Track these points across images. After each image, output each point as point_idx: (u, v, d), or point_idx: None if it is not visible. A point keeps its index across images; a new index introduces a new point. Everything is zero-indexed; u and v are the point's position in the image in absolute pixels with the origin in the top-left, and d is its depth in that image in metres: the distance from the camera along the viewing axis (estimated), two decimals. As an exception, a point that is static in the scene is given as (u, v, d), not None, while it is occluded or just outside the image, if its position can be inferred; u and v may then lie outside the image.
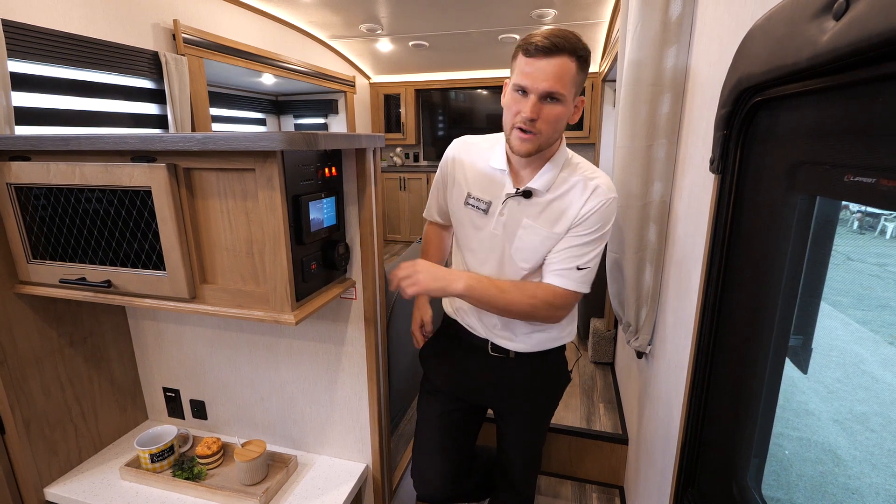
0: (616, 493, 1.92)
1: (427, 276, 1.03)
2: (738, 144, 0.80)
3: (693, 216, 1.08)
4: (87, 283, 1.02)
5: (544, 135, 0.98)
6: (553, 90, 0.93)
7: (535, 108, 0.94)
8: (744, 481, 0.80)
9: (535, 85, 0.93)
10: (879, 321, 4.29)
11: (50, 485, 1.19)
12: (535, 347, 1.18)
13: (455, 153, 1.18)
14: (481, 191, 1.11)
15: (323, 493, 1.18)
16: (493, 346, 1.19)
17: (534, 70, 0.92)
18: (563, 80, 0.93)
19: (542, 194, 1.06)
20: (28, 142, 0.97)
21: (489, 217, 1.10)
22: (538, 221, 1.06)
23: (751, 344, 0.79)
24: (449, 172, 1.19)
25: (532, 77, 0.93)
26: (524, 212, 1.07)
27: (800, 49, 0.56)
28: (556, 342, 1.21)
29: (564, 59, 0.92)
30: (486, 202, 1.10)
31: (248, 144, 0.81)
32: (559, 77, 0.92)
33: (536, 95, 0.94)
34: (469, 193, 1.13)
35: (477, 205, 1.11)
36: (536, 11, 3.40)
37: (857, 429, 2.72)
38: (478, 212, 1.11)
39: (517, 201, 1.07)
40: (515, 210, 1.08)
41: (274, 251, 0.90)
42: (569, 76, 0.93)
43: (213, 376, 1.35)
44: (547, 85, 0.92)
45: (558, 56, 0.91)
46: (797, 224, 0.69)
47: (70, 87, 2.31)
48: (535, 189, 1.05)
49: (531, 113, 0.94)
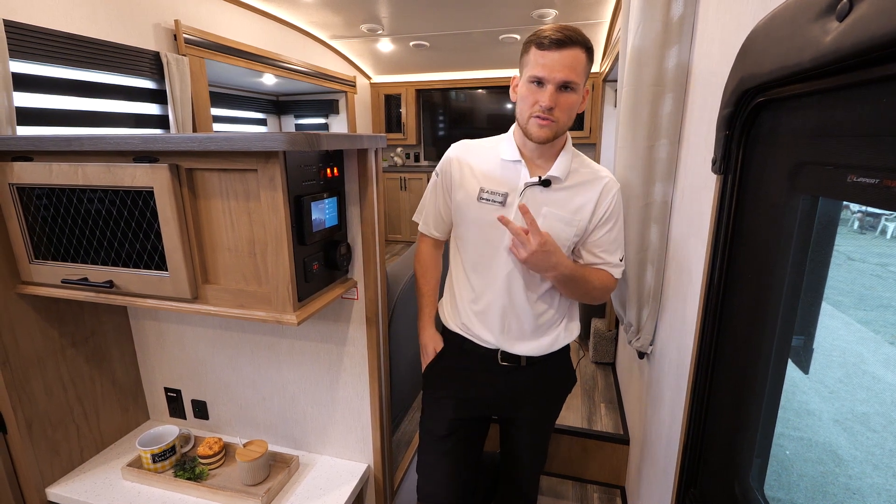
0: (617, 493, 1.92)
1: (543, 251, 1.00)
2: (740, 145, 0.80)
3: (695, 216, 1.08)
4: (89, 283, 1.02)
5: (561, 122, 1.03)
6: (569, 79, 0.98)
7: (553, 97, 0.99)
8: (746, 482, 0.80)
9: (553, 75, 0.98)
10: (881, 321, 4.28)
11: (52, 485, 1.19)
12: (545, 350, 1.18)
13: (457, 155, 1.18)
14: (495, 184, 1.12)
15: (324, 494, 1.18)
16: (503, 355, 1.18)
17: (549, 61, 0.98)
18: (576, 70, 0.99)
19: (560, 182, 1.10)
20: (30, 142, 0.97)
21: (507, 208, 1.11)
22: (560, 208, 1.10)
23: (753, 344, 0.78)
24: (452, 174, 1.18)
25: (549, 68, 0.98)
26: (545, 200, 1.10)
27: (802, 50, 0.56)
28: (564, 341, 1.21)
29: (577, 51, 0.98)
30: (501, 194, 1.11)
31: (251, 145, 0.81)
32: (573, 67, 0.98)
33: (554, 85, 0.99)
34: (482, 188, 1.13)
35: (492, 198, 1.12)
36: (537, 12, 3.40)
37: (858, 429, 2.72)
38: (493, 205, 1.12)
39: (538, 190, 1.10)
40: (535, 199, 1.10)
41: (276, 251, 0.90)
42: (581, 66, 0.99)
43: (215, 376, 1.36)
44: (563, 75, 0.98)
45: (571, 48, 0.97)
46: (800, 224, 0.69)
47: (71, 87, 2.31)
48: (556, 177, 1.09)
49: (550, 101, 0.99)
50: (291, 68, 3.69)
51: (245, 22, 3.23)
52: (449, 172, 1.18)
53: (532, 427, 1.29)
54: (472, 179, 1.14)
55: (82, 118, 2.40)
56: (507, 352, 1.17)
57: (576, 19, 3.53)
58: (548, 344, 1.18)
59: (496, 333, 1.16)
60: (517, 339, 1.16)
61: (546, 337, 1.17)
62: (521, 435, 1.29)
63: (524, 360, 1.18)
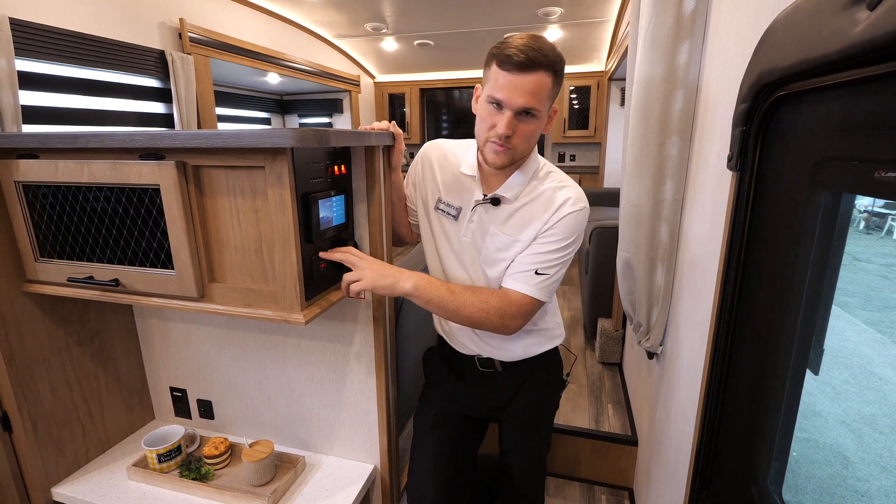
0: (625, 494, 1.90)
1: (374, 273, 0.96)
2: (757, 140, 0.78)
3: (708, 214, 1.06)
4: (95, 281, 1.01)
5: (519, 149, 0.97)
6: (529, 106, 0.90)
7: (511, 125, 0.92)
8: (764, 485, 0.78)
9: (512, 101, 0.90)
10: (887, 322, 4.25)
11: (57, 484, 1.18)
12: (523, 355, 1.18)
13: (427, 156, 1.17)
14: (452, 196, 1.10)
15: (331, 495, 1.17)
16: (480, 360, 1.20)
17: (509, 85, 0.89)
18: (538, 96, 0.90)
19: (510, 202, 1.04)
20: (36, 139, 0.96)
21: (459, 223, 1.09)
22: (504, 228, 1.05)
23: (772, 344, 0.77)
24: (419, 175, 1.18)
25: (507, 92, 0.90)
26: (492, 219, 1.06)
27: (828, 42, 0.54)
28: (543, 346, 1.20)
29: (541, 75, 0.89)
30: (456, 208, 1.10)
31: (259, 141, 0.80)
32: (535, 94, 0.90)
33: (512, 111, 0.91)
34: (440, 198, 1.12)
35: (447, 210, 1.11)
36: (542, 10, 3.39)
37: (865, 430, 2.70)
38: (448, 217, 1.11)
39: (485, 208, 1.06)
40: (484, 217, 1.07)
41: (283, 250, 0.89)
42: (544, 91, 0.91)
43: (220, 376, 1.35)
44: (523, 101, 0.90)
45: (535, 72, 0.88)
46: (821, 221, 0.67)
47: (76, 85, 2.31)
48: (503, 196, 1.04)
49: (507, 129, 0.92)
50: (295, 67, 3.69)
51: (249, 21, 3.23)
52: (416, 172, 1.19)
53: (521, 428, 1.28)
54: (432, 186, 1.14)
55: (87, 117, 2.40)
56: (484, 357, 1.19)
57: (581, 18, 3.51)
58: (520, 352, 1.18)
59: (469, 340, 1.18)
60: (489, 345, 1.17)
61: (515, 344, 1.17)
62: (511, 436, 1.30)
63: (499, 364, 1.19)
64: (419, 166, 1.18)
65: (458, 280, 1.12)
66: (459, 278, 1.12)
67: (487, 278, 1.10)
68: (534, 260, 1.01)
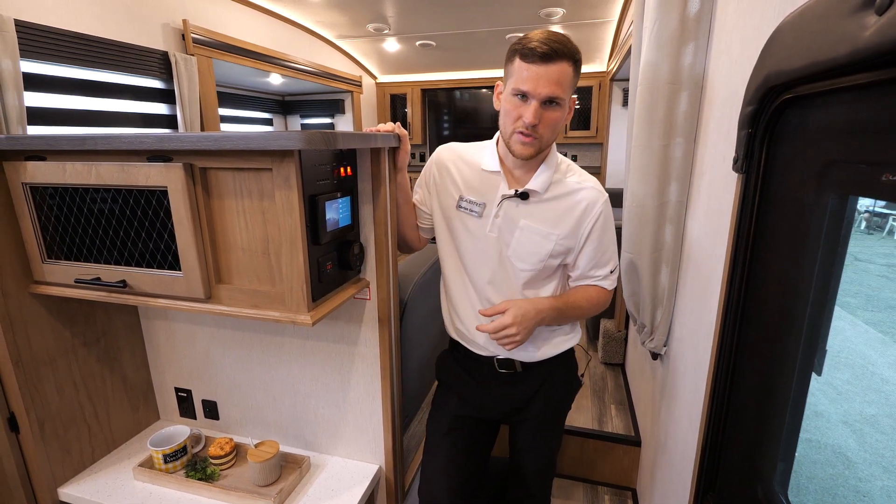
0: (629, 495, 1.90)
1: (523, 328, 1.02)
2: (763, 143, 0.78)
3: (713, 216, 1.06)
4: (102, 283, 1.01)
5: (545, 138, 1.00)
6: (554, 95, 0.95)
7: (537, 113, 0.96)
8: (770, 486, 0.78)
9: (537, 90, 0.94)
10: (888, 322, 4.26)
11: (63, 485, 1.19)
12: (543, 355, 1.18)
13: (441, 159, 1.18)
14: (474, 194, 1.11)
15: (336, 495, 1.17)
16: (499, 362, 1.19)
17: (534, 75, 0.94)
18: (562, 84, 0.95)
19: (539, 195, 1.07)
20: (44, 141, 0.97)
21: (484, 220, 1.10)
22: (537, 222, 1.07)
23: (777, 345, 0.77)
24: (435, 178, 1.18)
25: (533, 82, 0.94)
26: (521, 213, 1.07)
27: (836, 45, 0.55)
28: (563, 346, 1.20)
29: (563, 65, 0.93)
30: (479, 204, 1.10)
31: (267, 144, 0.81)
32: (559, 82, 0.94)
33: (538, 101, 0.95)
34: (461, 196, 1.12)
35: (470, 208, 1.11)
36: (545, 10, 3.38)
37: (866, 431, 2.71)
38: (471, 215, 1.11)
39: (514, 203, 1.08)
40: (512, 212, 1.08)
41: (290, 251, 0.89)
42: (567, 80, 0.95)
43: (226, 376, 1.35)
44: (548, 90, 0.94)
45: (558, 62, 0.93)
46: (828, 224, 0.68)
47: (80, 86, 2.31)
48: (534, 190, 1.07)
49: (533, 118, 0.96)
50: (298, 68, 3.69)
51: (252, 22, 3.23)
52: (430, 176, 1.19)
53: (536, 429, 1.28)
54: (452, 186, 1.14)
55: (91, 118, 2.40)
56: (502, 358, 1.18)
57: (583, 18, 3.51)
58: (541, 352, 1.18)
59: (488, 341, 1.17)
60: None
61: (537, 344, 1.17)
62: (526, 436, 1.29)
63: (519, 364, 1.19)
64: (433, 169, 1.19)
65: (480, 276, 1.13)
66: (482, 275, 1.13)
67: (516, 271, 1.10)
68: (603, 261, 1.13)
